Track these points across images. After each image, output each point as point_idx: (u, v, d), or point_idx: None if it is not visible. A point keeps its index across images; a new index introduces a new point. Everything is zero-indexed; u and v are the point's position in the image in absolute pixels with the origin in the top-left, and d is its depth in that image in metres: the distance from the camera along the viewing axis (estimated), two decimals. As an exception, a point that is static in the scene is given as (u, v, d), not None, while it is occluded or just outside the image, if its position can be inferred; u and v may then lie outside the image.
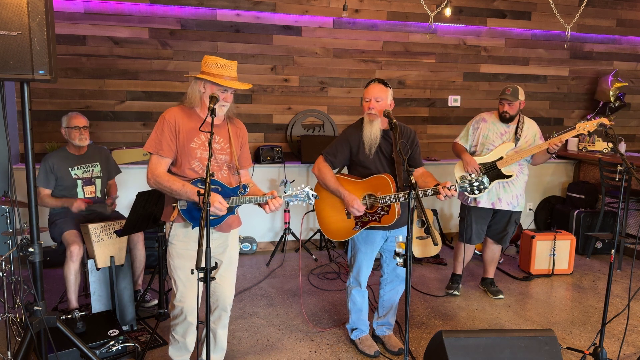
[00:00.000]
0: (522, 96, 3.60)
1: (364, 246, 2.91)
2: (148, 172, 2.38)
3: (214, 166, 2.44)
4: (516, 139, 3.62)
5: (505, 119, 3.62)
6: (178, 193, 2.32)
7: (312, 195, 2.38)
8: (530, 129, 3.67)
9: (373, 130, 2.75)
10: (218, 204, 2.24)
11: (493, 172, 3.61)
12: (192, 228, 2.41)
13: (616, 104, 5.71)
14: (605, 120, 3.29)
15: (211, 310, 2.61)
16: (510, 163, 3.58)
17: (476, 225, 3.77)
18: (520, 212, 3.76)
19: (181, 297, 2.46)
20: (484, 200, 3.68)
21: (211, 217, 2.36)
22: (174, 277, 2.47)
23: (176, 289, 2.47)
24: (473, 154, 3.73)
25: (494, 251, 3.93)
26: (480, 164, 3.62)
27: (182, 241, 2.44)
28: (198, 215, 2.37)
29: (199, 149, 2.40)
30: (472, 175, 2.55)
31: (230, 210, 2.43)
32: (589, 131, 3.33)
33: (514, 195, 3.66)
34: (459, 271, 4.00)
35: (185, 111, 2.43)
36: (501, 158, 3.60)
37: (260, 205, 2.41)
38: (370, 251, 2.93)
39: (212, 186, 2.36)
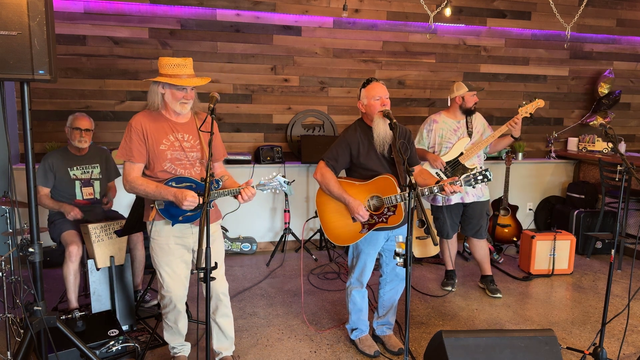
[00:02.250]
0: None
1: (367, 247, 2.90)
2: (123, 179, 2.48)
3: (187, 164, 2.51)
4: (469, 133, 3.80)
5: (471, 111, 3.79)
6: (153, 195, 2.41)
7: (285, 182, 2.46)
8: (478, 120, 3.86)
9: (386, 128, 2.72)
10: (191, 199, 2.32)
11: (458, 167, 3.76)
12: (172, 225, 2.51)
13: (611, 99, 5.70)
14: (541, 103, 3.66)
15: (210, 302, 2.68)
16: (470, 157, 3.75)
17: (450, 221, 3.93)
18: (487, 201, 3.89)
19: (167, 287, 2.57)
20: (455, 198, 3.79)
21: (189, 214, 2.46)
22: (158, 271, 2.58)
23: (162, 281, 2.58)
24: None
25: (481, 247, 3.97)
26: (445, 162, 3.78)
27: (163, 237, 2.53)
28: (176, 213, 2.47)
29: (169, 150, 2.47)
30: (475, 168, 2.58)
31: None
32: (530, 114, 3.68)
33: (477, 187, 3.79)
34: (450, 267, 4.13)
35: (151, 115, 2.50)
36: (462, 154, 3.75)
37: (235, 196, 2.45)
38: (373, 252, 2.92)
39: (186, 183, 2.45)
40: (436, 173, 3.76)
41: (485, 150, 3.89)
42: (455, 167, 3.75)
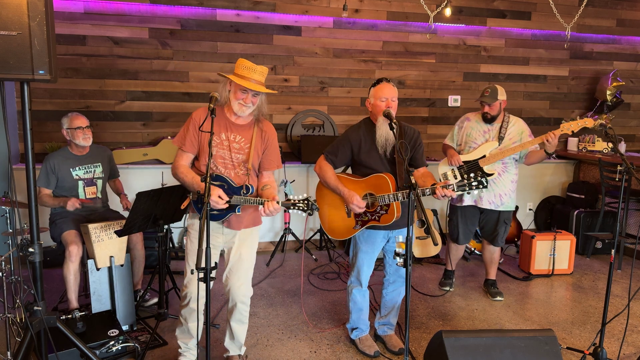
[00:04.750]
0: (502, 96, 3.60)
1: (364, 245, 2.92)
2: (172, 163, 2.60)
3: (229, 164, 2.56)
4: (500, 138, 3.63)
5: (487, 119, 3.66)
6: (188, 185, 2.52)
7: (313, 205, 2.39)
8: (516, 127, 3.65)
9: (388, 130, 2.73)
10: (215, 198, 2.37)
11: (476, 169, 3.64)
12: (199, 219, 2.56)
13: (613, 101, 5.71)
14: (589, 122, 3.32)
15: (228, 303, 2.74)
16: (492, 162, 3.60)
17: (463, 226, 3.83)
18: (509, 211, 3.74)
19: (187, 282, 2.61)
20: (467, 199, 3.72)
21: (214, 212, 2.50)
22: (186, 260, 2.62)
23: (185, 273, 2.63)
24: (459, 152, 3.77)
25: (491, 252, 3.93)
26: (463, 162, 3.68)
27: (194, 230, 2.62)
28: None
29: (215, 147, 2.54)
30: (472, 175, 2.54)
31: (232, 208, 2.50)
32: (572, 131, 3.36)
33: (496, 194, 3.65)
34: (450, 267, 4.10)
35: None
36: (484, 156, 3.63)
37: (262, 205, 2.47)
38: (372, 251, 2.93)
39: (218, 182, 2.50)
40: (452, 170, 3.72)
41: (518, 160, 3.69)
42: (472, 169, 3.64)
